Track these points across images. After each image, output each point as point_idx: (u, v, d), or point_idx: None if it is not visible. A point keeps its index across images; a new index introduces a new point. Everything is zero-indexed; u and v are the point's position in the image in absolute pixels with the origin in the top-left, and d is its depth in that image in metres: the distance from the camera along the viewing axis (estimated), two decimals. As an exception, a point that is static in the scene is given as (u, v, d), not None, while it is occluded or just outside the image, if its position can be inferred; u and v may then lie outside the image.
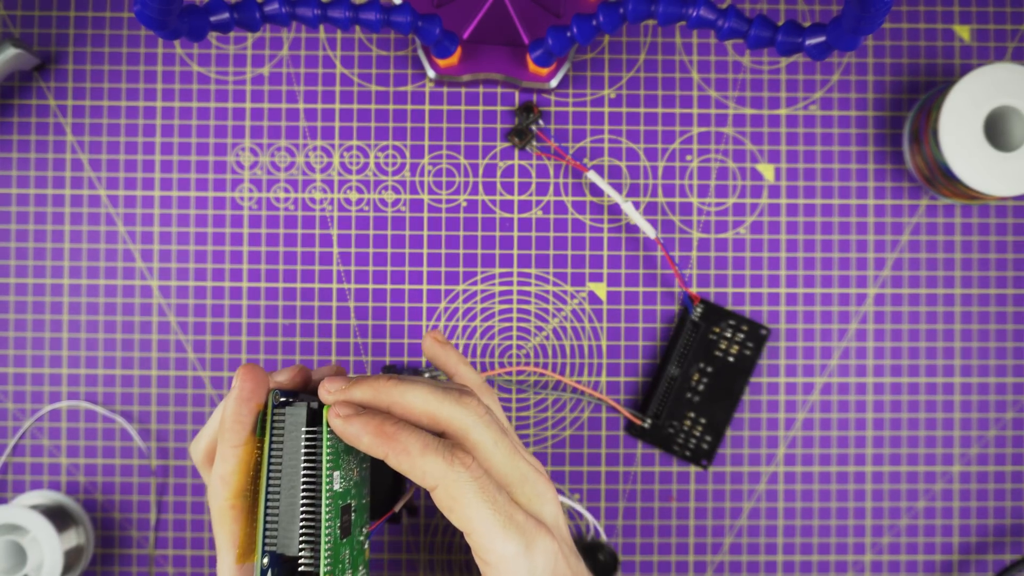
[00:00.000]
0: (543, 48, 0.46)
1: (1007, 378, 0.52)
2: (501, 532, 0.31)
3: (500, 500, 0.32)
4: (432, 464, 0.31)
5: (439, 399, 0.33)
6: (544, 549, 0.32)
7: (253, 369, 0.33)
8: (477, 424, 0.33)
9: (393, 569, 0.51)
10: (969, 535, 0.52)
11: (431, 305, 0.52)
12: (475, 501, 0.31)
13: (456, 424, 0.33)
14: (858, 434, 0.52)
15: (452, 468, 0.31)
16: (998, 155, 0.47)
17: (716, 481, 0.52)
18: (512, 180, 0.52)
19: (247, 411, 0.33)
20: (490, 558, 0.32)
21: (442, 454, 0.31)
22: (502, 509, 0.32)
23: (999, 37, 0.53)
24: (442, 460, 0.31)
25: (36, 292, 0.52)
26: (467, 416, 0.33)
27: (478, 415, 0.33)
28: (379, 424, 0.32)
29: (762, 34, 0.40)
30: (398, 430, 0.32)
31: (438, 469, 0.31)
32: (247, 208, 0.52)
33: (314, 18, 0.42)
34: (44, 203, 0.52)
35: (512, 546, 0.31)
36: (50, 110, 0.52)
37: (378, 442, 0.32)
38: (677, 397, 0.51)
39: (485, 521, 0.31)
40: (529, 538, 0.32)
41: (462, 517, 0.32)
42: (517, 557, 0.32)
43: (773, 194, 0.52)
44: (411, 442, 0.32)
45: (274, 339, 0.52)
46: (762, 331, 0.51)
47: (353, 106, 0.52)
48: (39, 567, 0.47)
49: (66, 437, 0.51)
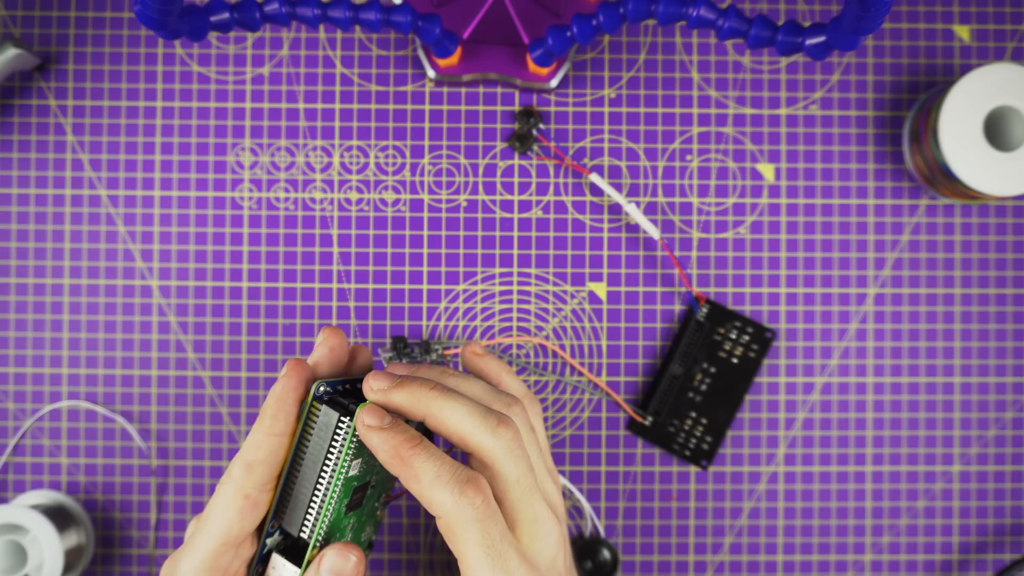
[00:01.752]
0: (543, 48, 0.46)
1: (1007, 378, 0.52)
2: (489, 573, 0.32)
3: (497, 544, 0.33)
4: (440, 497, 0.32)
5: (475, 424, 0.34)
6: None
7: (299, 365, 0.34)
8: (506, 458, 0.34)
9: (393, 569, 0.52)
10: (969, 535, 0.52)
11: (431, 305, 0.52)
12: (472, 542, 0.32)
13: (484, 453, 0.34)
14: (858, 434, 0.52)
15: (458, 506, 0.32)
16: (998, 155, 0.47)
17: (716, 481, 0.52)
18: (512, 180, 0.52)
19: (292, 401, 0.34)
20: None
21: (451, 489, 0.32)
22: (496, 553, 0.33)
23: (999, 37, 0.53)
24: (450, 495, 0.32)
25: (36, 292, 0.52)
26: (497, 448, 0.34)
27: (508, 449, 0.34)
28: (396, 446, 0.33)
29: (762, 34, 0.40)
30: (414, 455, 0.33)
31: (445, 503, 0.32)
32: (247, 208, 0.52)
33: (314, 18, 0.42)
34: (44, 203, 0.52)
35: None
36: (50, 110, 0.52)
37: (393, 463, 0.33)
38: (679, 396, 0.51)
39: (477, 560, 0.32)
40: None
41: (456, 550, 0.33)
42: None
43: (773, 194, 0.52)
44: (424, 470, 0.33)
45: (274, 339, 0.52)
46: (767, 334, 0.51)
47: (353, 106, 0.52)
48: (39, 567, 0.47)
49: (66, 437, 0.51)
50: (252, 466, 0.33)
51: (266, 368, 0.52)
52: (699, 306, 0.51)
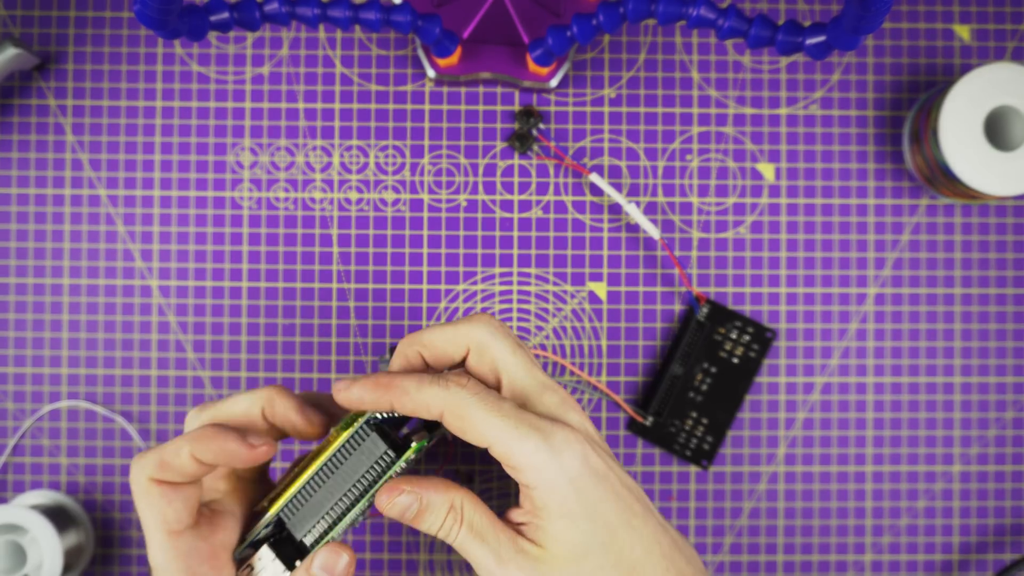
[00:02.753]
0: (543, 48, 0.46)
1: (1007, 378, 0.52)
2: (515, 433, 0.31)
3: (506, 407, 0.32)
4: (430, 394, 0.32)
5: (453, 324, 0.34)
6: (566, 442, 0.32)
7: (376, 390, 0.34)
8: (495, 335, 0.34)
9: (393, 569, 0.52)
10: (969, 535, 0.52)
11: (431, 305, 0.52)
12: (480, 413, 0.32)
13: (475, 340, 0.34)
14: (858, 434, 0.52)
15: (449, 391, 0.32)
16: (998, 155, 0.47)
17: (716, 481, 0.52)
18: (512, 180, 0.52)
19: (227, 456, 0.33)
20: (515, 462, 0.32)
21: (437, 382, 0.32)
22: (510, 414, 0.32)
23: (999, 37, 0.53)
24: (438, 387, 0.32)
25: (36, 292, 0.52)
26: (484, 330, 0.34)
27: (492, 326, 0.34)
28: (375, 379, 0.33)
29: (762, 34, 0.40)
30: (392, 378, 0.33)
31: (436, 396, 0.32)
32: (247, 208, 0.52)
33: (314, 18, 0.42)
34: (44, 203, 0.52)
35: (530, 444, 0.31)
36: (50, 110, 0.52)
37: (378, 395, 0.33)
38: (680, 396, 0.51)
39: (495, 428, 0.31)
40: (545, 433, 0.32)
41: (475, 433, 0.32)
42: (538, 452, 0.31)
43: (773, 194, 0.52)
44: (407, 383, 0.33)
45: (274, 339, 0.52)
46: (768, 334, 0.51)
47: (353, 106, 0.52)
48: (39, 567, 0.47)
49: (66, 437, 0.51)
50: (166, 466, 0.33)
51: (266, 368, 0.52)
52: (699, 306, 0.51)
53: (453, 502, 0.33)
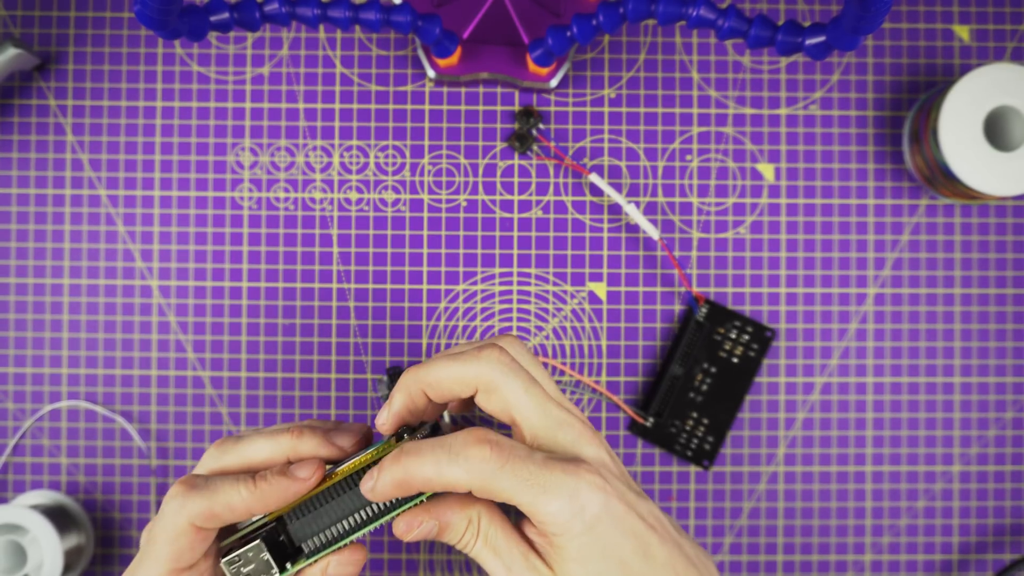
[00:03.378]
0: (543, 48, 0.46)
1: (1007, 378, 0.52)
2: (543, 498, 0.31)
3: (531, 468, 0.31)
4: (453, 476, 0.32)
5: (461, 360, 0.33)
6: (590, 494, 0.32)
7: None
8: (505, 375, 0.33)
9: (393, 569, 0.52)
10: (969, 535, 0.52)
11: (431, 305, 0.52)
12: (506, 482, 0.31)
13: (484, 380, 0.33)
14: (858, 434, 0.52)
15: (472, 471, 0.31)
16: (998, 155, 0.47)
17: (716, 481, 0.52)
18: (512, 180, 0.52)
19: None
20: (540, 518, 0.32)
21: (456, 462, 0.32)
22: (535, 476, 0.31)
23: (999, 37, 0.53)
24: (458, 468, 0.31)
25: (36, 292, 0.52)
26: (492, 369, 0.33)
27: (502, 364, 0.33)
28: (391, 475, 0.32)
29: (762, 34, 0.40)
30: (408, 472, 0.32)
31: (461, 478, 0.32)
32: (247, 208, 0.52)
33: (314, 18, 0.42)
34: (44, 203, 0.52)
35: (555, 504, 0.31)
36: (50, 110, 0.52)
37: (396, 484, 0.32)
38: (680, 397, 0.51)
39: (522, 494, 0.31)
40: (571, 491, 0.31)
41: (503, 498, 0.32)
42: (563, 511, 0.31)
43: (773, 194, 0.52)
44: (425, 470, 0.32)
45: (274, 339, 0.52)
46: (767, 333, 0.51)
47: (353, 106, 0.52)
48: (39, 567, 0.47)
49: (66, 437, 0.51)
50: (216, 517, 0.34)
51: (266, 368, 0.52)
52: (699, 306, 0.51)
53: (471, 518, 0.33)
